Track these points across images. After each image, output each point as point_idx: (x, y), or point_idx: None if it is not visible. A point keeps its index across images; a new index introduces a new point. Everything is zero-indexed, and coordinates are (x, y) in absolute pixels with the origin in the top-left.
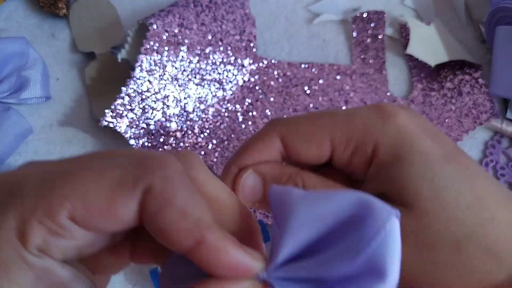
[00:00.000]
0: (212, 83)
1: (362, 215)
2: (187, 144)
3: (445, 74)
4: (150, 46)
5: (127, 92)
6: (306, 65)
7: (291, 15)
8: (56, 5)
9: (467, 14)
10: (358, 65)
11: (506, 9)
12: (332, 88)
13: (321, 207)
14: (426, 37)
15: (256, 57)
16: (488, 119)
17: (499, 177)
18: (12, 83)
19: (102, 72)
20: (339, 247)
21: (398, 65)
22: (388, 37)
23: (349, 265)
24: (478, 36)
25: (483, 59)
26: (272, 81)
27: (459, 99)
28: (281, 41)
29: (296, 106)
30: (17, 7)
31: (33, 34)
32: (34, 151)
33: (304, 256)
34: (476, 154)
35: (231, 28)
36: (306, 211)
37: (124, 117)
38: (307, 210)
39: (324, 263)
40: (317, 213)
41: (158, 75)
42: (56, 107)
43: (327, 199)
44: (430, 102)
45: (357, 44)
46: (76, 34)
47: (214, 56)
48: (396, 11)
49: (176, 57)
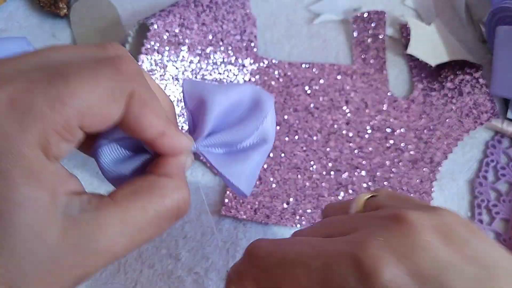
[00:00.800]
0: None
1: (256, 100)
2: None
3: (445, 74)
4: (151, 46)
5: None
6: (306, 65)
7: (291, 15)
8: (57, 5)
9: (467, 14)
10: (358, 65)
11: (506, 9)
12: (333, 88)
13: (230, 94)
14: (426, 37)
15: (256, 57)
16: (488, 119)
17: (499, 177)
18: None
19: None
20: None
21: (399, 65)
22: (388, 37)
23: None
24: (479, 36)
25: (483, 59)
26: (272, 81)
27: (459, 99)
28: (282, 41)
29: (296, 106)
30: (17, 7)
31: (34, 34)
32: None
33: (220, 130)
34: (476, 154)
35: (231, 28)
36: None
37: None
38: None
39: (234, 135)
40: (229, 96)
41: (159, 75)
42: None
43: (233, 88)
44: (430, 102)
45: (357, 44)
46: (76, 34)
47: (214, 56)
48: (396, 11)
49: (177, 57)
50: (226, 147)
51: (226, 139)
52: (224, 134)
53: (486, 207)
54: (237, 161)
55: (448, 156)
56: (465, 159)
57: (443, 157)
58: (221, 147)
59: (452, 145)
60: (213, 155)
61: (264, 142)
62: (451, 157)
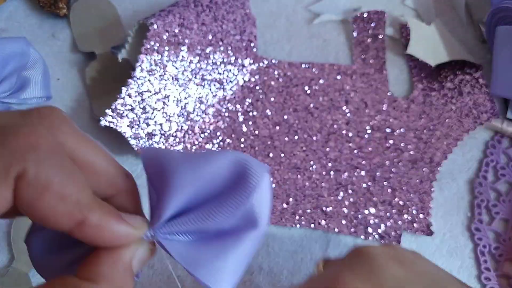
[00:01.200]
0: (213, 83)
1: (240, 173)
2: (187, 144)
3: (445, 74)
4: (151, 46)
5: (127, 92)
6: (306, 65)
7: (291, 15)
8: (57, 5)
9: (467, 14)
10: (358, 65)
11: (506, 9)
12: (333, 88)
13: (201, 166)
14: (426, 37)
15: (256, 57)
16: (488, 119)
17: (499, 177)
18: (12, 83)
19: (103, 72)
20: (219, 202)
21: (399, 65)
22: (388, 37)
23: (229, 217)
24: (479, 36)
25: (483, 59)
26: (272, 81)
27: (459, 99)
28: (282, 41)
29: (296, 106)
30: (17, 7)
31: (34, 34)
32: None
33: (187, 211)
34: (476, 154)
35: (231, 28)
36: (186, 170)
37: (124, 117)
38: (187, 169)
39: (206, 217)
40: (198, 172)
41: (159, 75)
42: (57, 107)
43: (206, 159)
44: (430, 102)
45: (357, 44)
46: (76, 34)
47: (214, 56)
48: (396, 11)
49: (177, 57)
50: (195, 233)
51: (194, 223)
52: (191, 216)
53: (486, 207)
54: (210, 253)
55: (448, 156)
56: (465, 159)
57: (443, 157)
58: (189, 234)
59: (452, 145)
60: (176, 244)
61: (251, 225)
62: (451, 157)
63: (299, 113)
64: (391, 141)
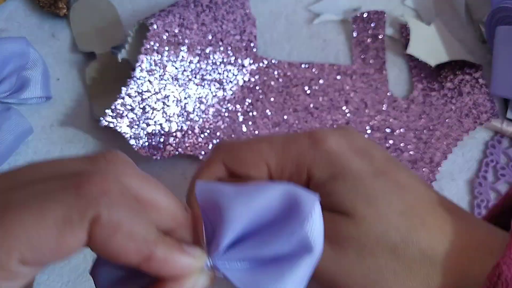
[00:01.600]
0: (213, 83)
1: (292, 203)
2: (187, 144)
3: (445, 74)
4: (151, 46)
5: (127, 92)
6: (306, 65)
7: (291, 15)
8: (57, 5)
9: (467, 14)
10: (358, 65)
11: (506, 9)
12: (333, 88)
13: (254, 200)
14: (426, 37)
15: (256, 57)
16: (488, 119)
17: (499, 177)
18: (12, 83)
19: (102, 72)
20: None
21: (399, 65)
22: (388, 37)
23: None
24: (479, 36)
25: (483, 59)
26: (272, 81)
27: (459, 99)
28: (281, 41)
29: (296, 106)
30: (17, 7)
31: (34, 34)
32: (34, 151)
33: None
34: (476, 154)
35: (231, 28)
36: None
37: (124, 117)
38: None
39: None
40: (251, 206)
41: (159, 75)
42: (57, 107)
43: (258, 192)
44: (430, 102)
45: (357, 44)
46: (76, 34)
47: (214, 56)
48: (396, 11)
49: (177, 57)
50: (252, 261)
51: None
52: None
53: (486, 207)
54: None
55: (447, 156)
56: (465, 159)
57: (443, 157)
58: (246, 261)
59: (452, 145)
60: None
61: (305, 252)
62: (451, 157)
63: (299, 113)
64: (391, 141)
